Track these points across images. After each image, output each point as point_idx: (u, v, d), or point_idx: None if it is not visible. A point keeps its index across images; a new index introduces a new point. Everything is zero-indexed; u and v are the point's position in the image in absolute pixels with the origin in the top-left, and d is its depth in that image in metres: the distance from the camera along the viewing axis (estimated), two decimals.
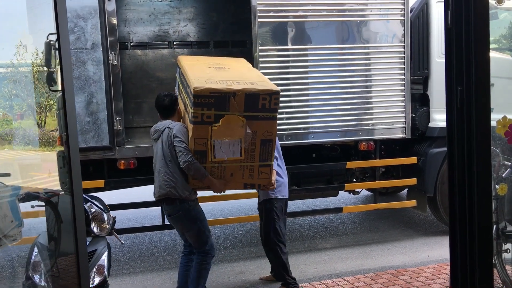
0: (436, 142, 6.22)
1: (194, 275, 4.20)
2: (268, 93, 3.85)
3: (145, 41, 7.86)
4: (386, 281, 4.70)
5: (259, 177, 4.06)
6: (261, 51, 5.63)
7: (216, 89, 3.76)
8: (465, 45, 2.48)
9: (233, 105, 3.78)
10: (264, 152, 4.00)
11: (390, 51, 6.05)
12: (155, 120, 7.89)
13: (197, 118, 3.79)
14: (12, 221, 1.79)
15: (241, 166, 3.98)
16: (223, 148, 3.84)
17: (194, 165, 3.90)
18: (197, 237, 4.18)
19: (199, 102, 3.74)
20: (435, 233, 6.51)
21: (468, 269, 2.70)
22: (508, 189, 3.11)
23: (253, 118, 3.87)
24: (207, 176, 3.97)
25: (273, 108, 3.90)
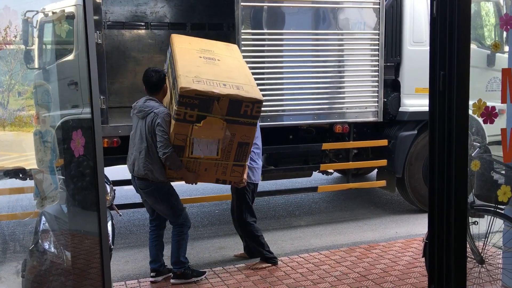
0: (406, 126, 6.57)
1: (174, 247, 4.40)
2: (251, 101, 3.97)
3: (122, 21, 7.85)
4: (359, 254, 5.01)
5: (232, 175, 4.24)
6: (243, 34, 5.77)
7: (201, 91, 3.85)
8: (448, 33, 2.73)
9: (216, 109, 3.92)
10: (239, 153, 4.16)
11: (365, 38, 6.33)
12: (131, 100, 7.93)
13: (180, 116, 3.92)
14: (51, 183, 1.91)
15: (216, 163, 4.14)
16: (201, 146, 4.01)
17: (171, 157, 4.05)
18: (171, 210, 4.39)
19: (184, 102, 3.86)
20: (402, 211, 6.91)
21: (444, 240, 2.97)
22: (479, 167, 3.41)
23: (233, 122, 4.01)
24: (182, 168, 4.13)
25: (254, 115, 4.05)
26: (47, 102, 4.20)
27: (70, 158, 2.10)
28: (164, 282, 4.50)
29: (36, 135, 3.92)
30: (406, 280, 4.25)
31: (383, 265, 4.64)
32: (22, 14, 6.11)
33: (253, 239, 4.77)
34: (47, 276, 2.77)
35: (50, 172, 1.91)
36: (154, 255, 4.55)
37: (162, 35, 8.06)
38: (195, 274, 4.47)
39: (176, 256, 4.41)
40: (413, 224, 6.23)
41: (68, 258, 2.74)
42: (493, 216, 3.51)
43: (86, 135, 2.09)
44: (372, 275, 4.39)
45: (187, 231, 4.47)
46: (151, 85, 4.38)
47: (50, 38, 6.06)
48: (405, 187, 6.62)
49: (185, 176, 4.21)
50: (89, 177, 2.16)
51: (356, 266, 4.65)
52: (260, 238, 4.76)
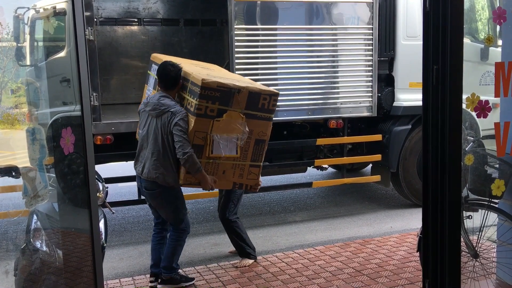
0: (400, 121, 6.57)
1: (169, 251, 4.19)
2: (269, 93, 4.06)
3: (114, 17, 7.79)
4: (354, 249, 5.01)
5: (248, 177, 4.17)
6: (236, 30, 5.74)
7: (223, 83, 3.88)
8: (441, 27, 2.71)
9: (236, 102, 3.90)
10: (256, 152, 4.14)
11: (359, 32, 6.32)
12: (124, 97, 7.99)
13: (201, 111, 3.83)
14: (40, 182, 1.89)
15: (233, 164, 4.06)
16: (221, 144, 3.92)
17: (192, 157, 3.83)
18: (174, 214, 4.16)
19: (205, 94, 3.80)
20: (396, 206, 6.92)
21: (438, 235, 2.97)
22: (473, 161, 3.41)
23: (251, 117, 4.02)
24: (201, 171, 3.92)
25: (271, 109, 4.10)
26: (39, 100, 4.16)
27: (60, 156, 2.07)
28: None
29: (29, 132, 3.88)
30: (401, 275, 4.26)
31: (378, 260, 4.64)
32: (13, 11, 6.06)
33: (237, 235, 4.74)
34: (40, 274, 2.75)
35: (40, 170, 1.89)
36: (156, 258, 4.29)
37: (155, 31, 8.02)
38: (184, 280, 4.26)
39: (168, 261, 4.18)
40: (408, 219, 6.24)
41: (60, 256, 2.72)
42: (487, 210, 3.51)
43: (77, 132, 2.06)
44: (367, 270, 4.39)
45: (185, 238, 4.27)
46: (168, 80, 4.06)
47: (41, 35, 6.01)
48: (399, 182, 6.62)
49: (203, 179, 3.96)
50: (80, 175, 2.14)
51: (351, 261, 4.65)
52: (242, 234, 4.74)
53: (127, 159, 6.06)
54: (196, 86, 3.86)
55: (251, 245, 4.81)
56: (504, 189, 3.18)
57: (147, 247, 5.54)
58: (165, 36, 8.04)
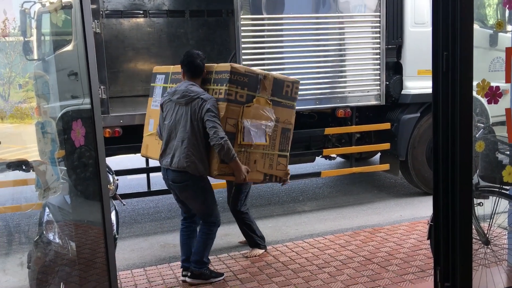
0: (409, 109, 6.53)
1: (200, 245, 4.07)
2: (291, 81, 4.16)
3: (120, 9, 7.79)
4: (364, 238, 5.01)
5: (277, 168, 4.18)
6: (242, 20, 5.71)
7: (250, 69, 4.00)
8: (451, 13, 2.68)
9: (263, 88, 3.96)
10: (283, 142, 4.17)
11: (366, 20, 6.27)
12: (131, 89, 8.01)
13: (231, 96, 3.85)
14: (52, 174, 1.90)
15: (263, 154, 4.07)
16: (252, 131, 3.92)
17: (228, 143, 3.71)
18: (204, 207, 4.04)
19: (235, 79, 3.84)
20: (406, 194, 6.90)
21: (449, 222, 2.96)
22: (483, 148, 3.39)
23: (277, 104, 4.08)
24: (236, 158, 3.79)
25: (294, 97, 4.19)
26: (47, 93, 4.17)
27: (71, 148, 2.08)
28: None
29: (38, 126, 3.90)
30: (411, 263, 4.25)
31: (388, 248, 4.64)
32: (20, 5, 6.08)
33: (247, 226, 4.74)
34: (53, 266, 2.78)
35: (51, 163, 1.90)
36: (187, 253, 4.18)
37: (161, 23, 8.01)
38: (214, 275, 4.12)
39: (199, 255, 4.05)
40: (417, 207, 6.22)
41: (73, 248, 2.74)
42: (498, 197, 3.49)
43: (87, 125, 2.07)
44: (377, 259, 4.40)
45: (216, 230, 4.15)
46: (194, 67, 3.97)
47: (48, 28, 6.02)
48: (408, 170, 6.60)
49: (237, 168, 3.82)
50: (91, 167, 2.15)
51: (361, 250, 4.66)
52: (252, 225, 4.75)
53: (136, 151, 6.07)
54: (224, 73, 3.90)
55: (261, 234, 4.82)
56: None
57: (158, 238, 5.59)
58: (171, 28, 8.03)
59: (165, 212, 6.64)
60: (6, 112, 4.65)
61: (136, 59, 7.89)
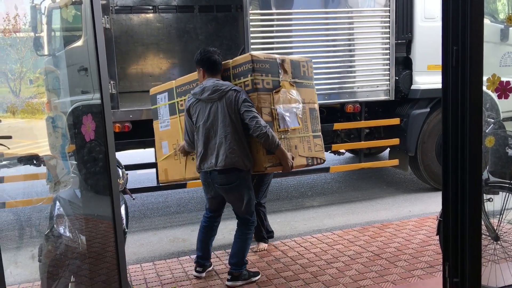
0: (418, 104, 6.50)
1: (239, 246, 3.94)
2: (304, 60, 4.15)
3: (129, 5, 7.82)
4: (373, 233, 5.01)
5: (316, 149, 4.10)
6: (251, 15, 5.71)
7: (268, 55, 3.96)
8: (461, 6, 2.66)
9: (284, 71, 3.93)
10: (314, 122, 4.12)
11: (376, 15, 6.23)
12: (141, 85, 8.05)
13: (259, 85, 3.78)
14: (63, 168, 1.93)
15: (300, 138, 3.99)
16: (286, 116, 3.86)
17: (271, 131, 3.61)
18: (247, 206, 3.89)
19: (258, 67, 3.79)
20: (415, 190, 6.88)
21: (458, 217, 2.94)
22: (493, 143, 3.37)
23: (299, 86, 4.05)
24: (280, 145, 3.68)
25: (311, 76, 4.17)
26: (58, 88, 4.21)
27: (82, 143, 2.10)
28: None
29: (48, 121, 3.94)
30: (420, 258, 4.25)
31: (397, 244, 4.64)
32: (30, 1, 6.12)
33: (260, 219, 4.73)
34: (63, 260, 2.81)
35: (62, 157, 1.92)
36: (204, 250, 4.12)
37: (170, 18, 8.02)
38: (252, 274, 4.01)
39: (239, 257, 3.92)
40: (427, 203, 6.20)
41: (83, 242, 2.77)
42: (508, 193, 3.47)
43: (97, 119, 2.09)
44: (386, 254, 4.39)
45: (253, 229, 4.07)
46: (214, 63, 3.88)
47: (58, 24, 6.06)
48: (418, 166, 6.57)
49: (283, 156, 3.69)
50: (101, 162, 2.18)
51: (370, 245, 4.66)
52: (264, 218, 4.78)
53: (145, 146, 6.12)
54: (244, 64, 3.84)
55: (271, 229, 4.84)
56: None
57: (167, 232, 5.63)
58: (180, 23, 8.04)
59: (174, 207, 6.68)
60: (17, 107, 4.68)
61: (145, 55, 7.92)
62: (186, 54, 8.00)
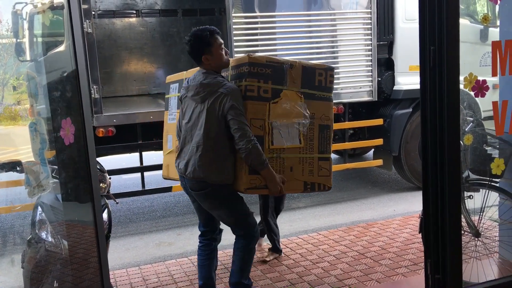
0: (401, 104, 6.58)
1: (237, 264, 3.40)
2: (323, 68, 3.53)
3: (112, 9, 7.79)
4: (358, 233, 5.05)
5: (320, 174, 3.50)
6: (234, 18, 5.73)
7: (273, 58, 3.39)
8: (437, 6, 2.71)
9: (291, 79, 3.36)
10: (322, 141, 3.52)
11: (358, 17, 6.30)
12: (125, 89, 8.02)
13: (253, 92, 3.23)
14: (41, 172, 1.92)
15: (300, 158, 3.41)
16: (282, 132, 3.31)
17: (257, 147, 3.07)
18: (233, 217, 3.33)
19: (255, 72, 3.23)
20: (399, 189, 6.95)
21: (439, 215, 2.99)
22: (472, 141, 3.43)
23: (310, 97, 3.45)
24: (268, 165, 3.12)
25: (329, 86, 3.55)
26: (40, 93, 4.19)
27: (61, 147, 2.11)
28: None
29: (31, 127, 3.91)
30: (404, 256, 4.29)
31: (382, 243, 4.68)
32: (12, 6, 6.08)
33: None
34: (46, 265, 2.80)
35: (41, 161, 1.92)
36: (205, 277, 3.47)
37: (154, 22, 8.01)
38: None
39: (237, 276, 3.40)
40: (411, 202, 6.27)
41: (66, 247, 2.76)
42: (488, 190, 3.53)
43: (76, 123, 2.09)
44: (371, 253, 4.43)
45: (254, 245, 3.43)
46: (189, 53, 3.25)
47: (40, 29, 6.02)
48: (402, 165, 6.64)
49: (270, 178, 3.14)
50: (81, 165, 2.18)
51: (355, 244, 4.69)
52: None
53: (130, 151, 6.10)
54: (241, 66, 3.30)
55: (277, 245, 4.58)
56: (504, 167, 3.20)
57: (153, 237, 5.61)
58: (164, 27, 8.04)
59: (160, 211, 6.66)
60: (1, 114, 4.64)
61: (129, 59, 7.89)
62: (170, 58, 7.99)
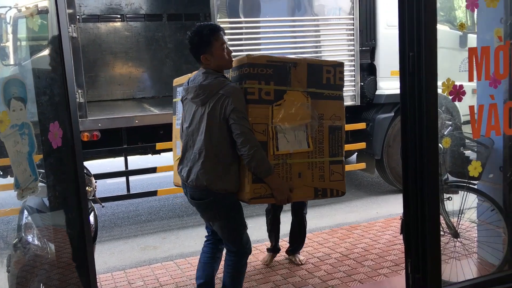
0: (383, 109, 6.70)
1: (227, 280, 3.27)
2: (332, 64, 3.32)
3: (97, 14, 7.80)
4: (341, 235, 5.13)
5: (332, 179, 3.29)
6: (219, 23, 5.79)
7: (274, 57, 3.17)
8: (416, 14, 2.81)
9: (295, 78, 3.14)
10: (333, 144, 3.30)
11: (341, 23, 6.41)
12: (110, 94, 8.02)
13: (254, 95, 3.01)
14: (30, 175, 1.95)
15: (309, 163, 3.18)
16: (288, 136, 3.09)
17: (259, 153, 2.88)
18: (230, 230, 3.20)
19: (255, 73, 3.02)
20: (382, 192, 7.06)
21: (419, 216, 3.08)
22: (450, 144, 3.53)
23: (317, 97, 3.21)
24: (273, 172, 2.95)
25: (339, 84, 3.32)
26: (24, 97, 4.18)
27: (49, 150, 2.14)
28: None
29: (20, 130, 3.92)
30: (386, 257, 4.38)
31: (364, 244, 4.76)
32: None
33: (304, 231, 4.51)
34: (32, 269, 2.81)
35: (29, 164, 1.95)
36: (207, 275, 3.34)
37: (139, 27, 8.04)
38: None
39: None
40: (393, 204, 6.37)
41: (52, 250, 2.78)
42: (466, 192, 3.64)
43: (64, 126, 2.12)
44: (354, 254, 4.51)
45: (246, 261, 3.30)
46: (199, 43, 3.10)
47: (24, 34, 6.01)
48: (384, 169, 6.75)
49: (276, 186, 2.97)
50: (68, 169, 2.21)
51: (338, 246, 4.77)
52: None
53: (115, 155, 6.11)
54: (241, 67, 3.10)
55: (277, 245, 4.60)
56: (481, 170, 3.30)
57: (138, 241, 5.62)
58: (149, 32, 8.07)
59: (145, 215, 6.66)
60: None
61: (114, 63, 7.91)
62: (155, 62, 8.02)
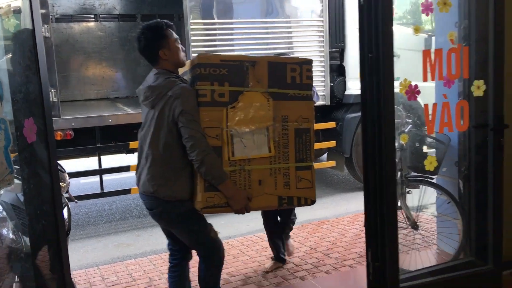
0: (352, 108, 6.92)
1: (202, 285, 3.15)
2: (297, 62, 3.04)
3: (70, 14, 7.81)
4: (310, 230, 5.31)
5: (298, 186, 3.03)
6: (192, 24, 5.91)
7: (229, 56, 2.98)
8: (374, 18, 2.99)
9: (254, 78, 2.87)
10: (301, 148, 3.02)
11: (312, 25, 6.61)
12: (83, 93, 8.04)
13: (205, 97, 2.76)
14: (6, 168, 2.03)
15: (272, 169, 2.91)
16: (245, 140, 2.83)
17: (209, 158, 2.68)
18: (191, 235, 2.98)
19: (207, 73, 2.76)
20: (351, 189, 7.28)
21: (377, 208, 3.27)
22: (409, 141, 3.74)
23: (281, 98, 2.94)
24: (226, 179, 2.72)
25: (306, 83, 3.07)
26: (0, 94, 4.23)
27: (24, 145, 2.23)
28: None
29: None
30: (352, 250, 4.57)
31: (332, 238, 4.95)
32: None
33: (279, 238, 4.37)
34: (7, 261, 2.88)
35: (6, 157, 2.04)
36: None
37: (112, 27, 8.07)
38: None
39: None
40: (361, 200, 6.45)
41: (27, 243, 2.86)
42: (425, 185, 3.85)
43: (38, 123, 2.22)
44: (322, 248, 4.69)
45: (218, 261, 3.10)
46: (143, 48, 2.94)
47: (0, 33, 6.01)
48: (353, 166, 6.97)
49: (230, 194, 2.74)
50: (42, 163, 2.31)
51: (307, 240, 4.94)
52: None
53: (89, 154, 6.16)
54: (193, 68, 2.84)
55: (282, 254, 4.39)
56: (436, 164, 3.51)
57: (112, 238, 5.69)
58: (123, 32, 8.11)
59: (119, 213, 6.73)
60: None
61: (87, 63, 7.93)
62: (129, 62, 8.08)
